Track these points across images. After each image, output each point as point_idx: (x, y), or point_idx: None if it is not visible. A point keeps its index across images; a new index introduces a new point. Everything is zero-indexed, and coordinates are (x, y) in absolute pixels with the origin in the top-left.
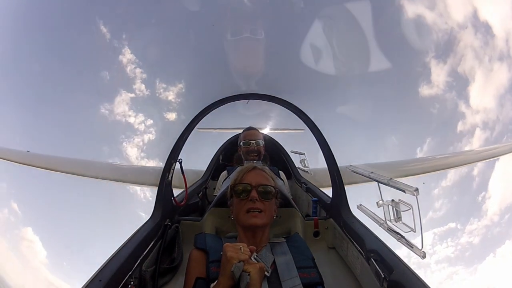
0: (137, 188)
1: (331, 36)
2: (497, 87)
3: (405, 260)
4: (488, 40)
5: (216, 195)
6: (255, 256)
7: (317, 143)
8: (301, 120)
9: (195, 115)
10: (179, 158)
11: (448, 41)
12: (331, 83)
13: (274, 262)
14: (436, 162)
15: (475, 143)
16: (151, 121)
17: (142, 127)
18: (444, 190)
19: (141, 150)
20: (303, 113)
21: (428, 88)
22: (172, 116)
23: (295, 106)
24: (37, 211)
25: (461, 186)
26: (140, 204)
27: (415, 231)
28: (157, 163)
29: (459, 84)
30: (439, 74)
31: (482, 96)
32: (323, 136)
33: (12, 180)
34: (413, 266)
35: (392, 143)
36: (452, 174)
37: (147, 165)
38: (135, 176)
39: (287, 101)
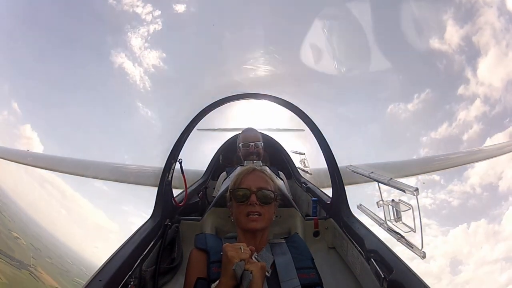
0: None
1: None
2: (508, 72)
3: (405, 260)
4: (510, 28)
5: (216, 195)
6: (256, 256)
7: (317, 143)
8: (301, 120)
9: (195, 115)
10: (179, 158)
11: (470, 10)
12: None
13: (273, 262)
14: (436, 162)
15: (472, 112)
16: (159, 12)
17: (149, 17)
18: (433, 141)
19: (145, 41)
20: (303, 113)
21: (439, 43)
22: (181, 8)
23: (295, 106)
24: (36, 107)
25: (451, 144)
26: None
27: (415, 231)
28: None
29: (471, 52)
30: (453, 35)
31: (490, 73)
32: (323, 136)
33: (13, 79)
34: (413, 266)
35: (393, 81)
36: (444, 130)
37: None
38: (135, 176)
39: (287, 101)
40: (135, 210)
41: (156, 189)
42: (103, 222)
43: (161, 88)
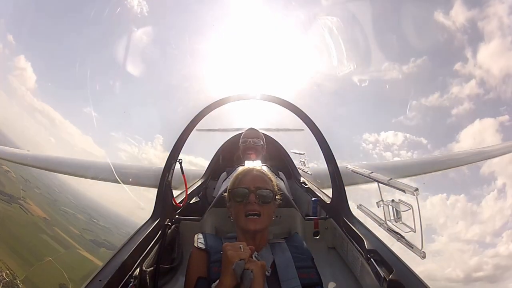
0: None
1: None
2: (509, 66)
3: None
4: None
5: (215, 196)
6: (256, 255)
7: (317, 143)
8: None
9: (195, 115)
10: (179, 158)
11: None
12: None
13: (273, 262)
14: (435, 162)
15: (466, 90)
16: None
17: None
18: (422, 107)
19: None
20: (303, 113)
21: (444, 17)
22: None
23: (295, 106)
24: (30, 38)
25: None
26: None
27: (415, 231)
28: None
29: (474, 34)
30: (458, 13)
31: (490, 60)
32: (323, 136)
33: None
34: (412, 266)
35: (392, 40)
36: (435, 99)
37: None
38: (136, 176)
39: (287, 101)
40: (123, 136)
41: (156, 189)
42: (90, 148)
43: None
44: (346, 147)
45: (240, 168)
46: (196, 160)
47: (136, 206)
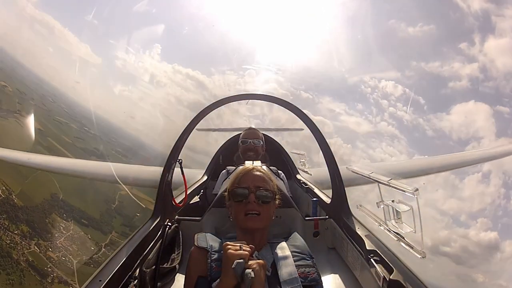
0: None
1: None
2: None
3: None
4: None
5: (215, 193)
6: (256, 255)
7: (317, 143)
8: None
9: (195, 115)
10: (179, 158)
11: None
12: None
13: (273, 261)
14: (435, 163)
15: (467, 69)
16: None
17: None
18: (419, 69)
19: None
20: (303, 113)
21: None
22: None
23: (295, 106)
24: None
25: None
26: None
27: (415, 232)
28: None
29: (485, 24)
30: (474, 1)
31: (497, 52)
32: (323, 136)
33: None
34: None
35: (403, 2)
36: (434, 67)
37: None
38: (135, 176)
39: (287, 101)
40: (121, 44)
41: (156, 189)
42: (87, 57)
43: None
44: (345, 85)
45: (240, 168)
46: None
47: (127, 115)
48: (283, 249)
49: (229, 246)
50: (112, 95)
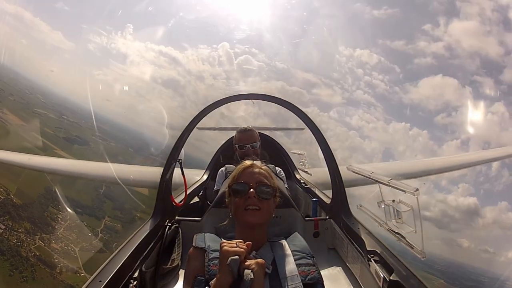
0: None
1: None
2: (478, 48)
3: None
4: (496, 24)
5: (215, 191)
6: (255, 254)
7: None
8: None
9: (195, 115)
10: (179, 158)
11: None
12: None
13: (274, 260)
14: (436, 164)
15: (432, 47)
16: None
17: None
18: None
19: None
20: (303, 113)
21: None
22: None
23: (295, 106)
24: None
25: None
26: None
27: (415, 232)
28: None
29: (450, 8)
30: None
31: (462, 34)
32: (323, 136)
33: None
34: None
35: None
36: (400, 45)
37: None
38: (136, 177)
39: (287, 101)
40: (94, 27)
41: (156, 189)
42: (60, 43)
43: None
44: (319, 55)
45: (241, 164)
46: None
47: (102, 98)
48: (283, 247)
49: (225, 244)
50: (86, 79)
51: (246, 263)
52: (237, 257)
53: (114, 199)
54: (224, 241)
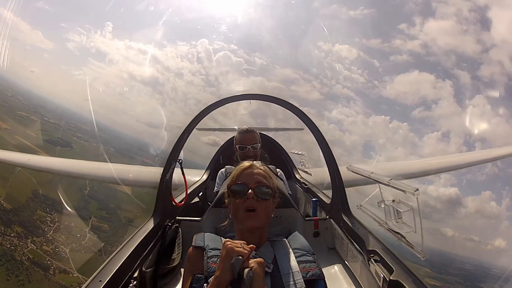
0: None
1: None
2: (454, 46)
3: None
4: (473, 23)
5: (215, 192)
6: (254, 254)
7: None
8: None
9: (195, 115)
10: (179, 158)
11: None
12: None
13: (275, 258)
14: (436, 164)
15: (408, 45)
16: None
17: None
18: (363, 46)
19: None
20: (303, 113)
21: None
22: None
23: (295, 106)
24: None
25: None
26: None
27: (415, 232)
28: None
29: (426, 9)
30: None
31: (437, 33)
32: (323, 137)
33: None
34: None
35: None
36: (376, 43)
37: None
38: (136, 177)
39: (287, 101)
40: (73, 26)
41: (156, 189)
42: (40, 43)
43: None
44: (298, 51)
45: (240, 165)
46: None
47: (82, 98)
48: (284, 245)
49: (230, 242)
50: (66, 79)
51: (246, 263)
52: (241, 257)
53: (99, 200)
54: (229, 239)
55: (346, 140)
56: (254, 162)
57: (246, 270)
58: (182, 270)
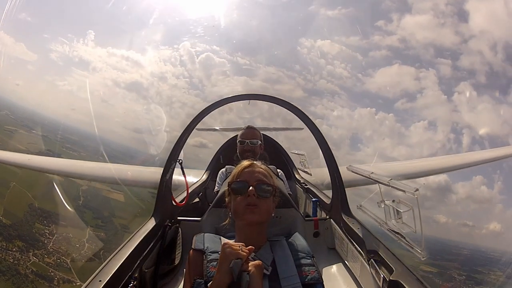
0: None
1: None
2: (432, 39)
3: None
4: (449, 18)
5: (215, 192)
6: (253, 256)
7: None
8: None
9: (195, 115)
10: (179, 158)
11: None
12: None
13: (273, 260)
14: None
15: (387, 41)
16: None
17: None
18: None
19: None
20: (303, 113)
21: None
22: None
23: (295, 106)
24: None
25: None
26: None
27: (415, 232)
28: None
29: (402, 5)
30: None
31: (415, 28)
32: (323, 137)
33: None
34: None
35: None
36: (355, 40)
37: None
38: (136, 177)
39: (287, 101)
40: (56, 36)
41: (156, 189)
42: (24, 55)
43: None
44: (281, 49)
45: (241, 163)
46: None
47: (69, 108)
48: (283, 247)
49: (228, 245)
50: (51, 89)
51: (244, 266)
52: (239, 260)
53: (93, 209)
54: (227, 242)
55: (333, 134)
56: (255, 161)
57: (244, 273)
58: (182, 270)
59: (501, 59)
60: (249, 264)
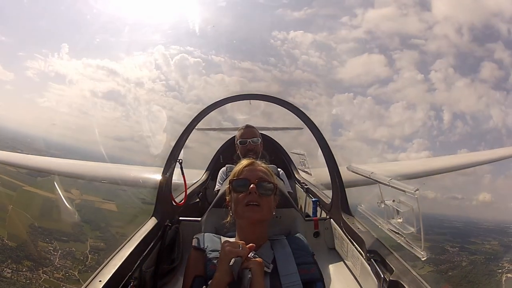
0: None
1: None
2: (396, 29)
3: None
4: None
5: (216, 191)
6: (253, 254)
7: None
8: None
9: (195, 115)
10: (179, 158)
11: None
12: None
13: (274, 258)
14: (436, 164)
15: (354, 33)
16: None
17: None
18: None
19: None
20: (303, 113)
21: None
22: None
23: (295, 106)
24: None
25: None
26: None
27: (415, 232)
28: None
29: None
30: None
31: (379, 20)
32: (323, 137)
33: None
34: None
35: None
36: (323, 36)
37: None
38: (136, 176)
39: (287, 101)
40: (31, 53)
41: (156, 189)
42: (0, 76)
43: None
44: (256, 42)
45: (241, 162)
46: None
47: (50, 124)
48: (283, 246)
49: (228, 244)
50: (30, 107)
51: (245, 263)
52: (239, 258)
53: (90, 221)
54: (227, 241)
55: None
56: (255, 160)
57: (245, 270)
58: (182, 270)
59: (467, 40)
60: (250, 261)
